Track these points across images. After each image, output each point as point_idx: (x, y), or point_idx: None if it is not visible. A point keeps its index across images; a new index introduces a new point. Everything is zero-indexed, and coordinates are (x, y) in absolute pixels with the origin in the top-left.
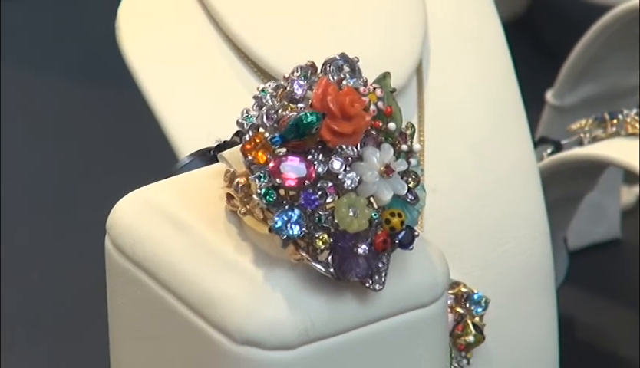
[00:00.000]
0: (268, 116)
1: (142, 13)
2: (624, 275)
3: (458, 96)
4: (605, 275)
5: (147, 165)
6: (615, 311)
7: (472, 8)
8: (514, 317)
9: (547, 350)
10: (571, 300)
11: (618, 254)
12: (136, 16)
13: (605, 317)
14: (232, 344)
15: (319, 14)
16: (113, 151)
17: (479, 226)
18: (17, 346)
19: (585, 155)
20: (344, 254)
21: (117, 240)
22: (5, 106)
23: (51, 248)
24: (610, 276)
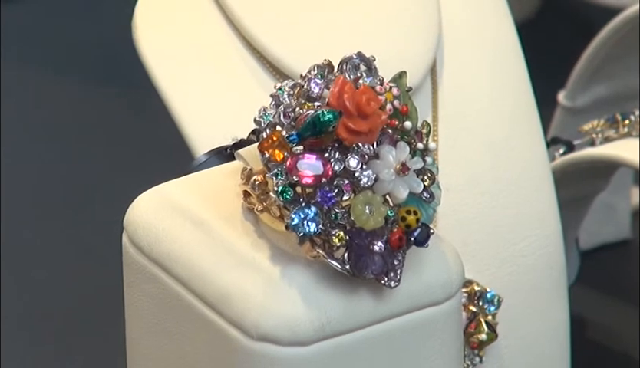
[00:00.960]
0: (286, 114)
1: (158, 12)
2: (634, 275)
3: (472, 96)
4: (616, 275)
5: (164, 164)
6: (625, 311)
7: (486, 9)
8: (526, 316)
9: (559, 349)
10: (582, 300)
11: (627, 254)
12: (152, 15)
13: (616, 316)
14: (248, 340)
15: (334, 14)
16: (129, 149)
17: (492, 225)
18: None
19: (597, 155)
20: (360, 251)
21: (134, 237)
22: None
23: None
24: (620, 276)
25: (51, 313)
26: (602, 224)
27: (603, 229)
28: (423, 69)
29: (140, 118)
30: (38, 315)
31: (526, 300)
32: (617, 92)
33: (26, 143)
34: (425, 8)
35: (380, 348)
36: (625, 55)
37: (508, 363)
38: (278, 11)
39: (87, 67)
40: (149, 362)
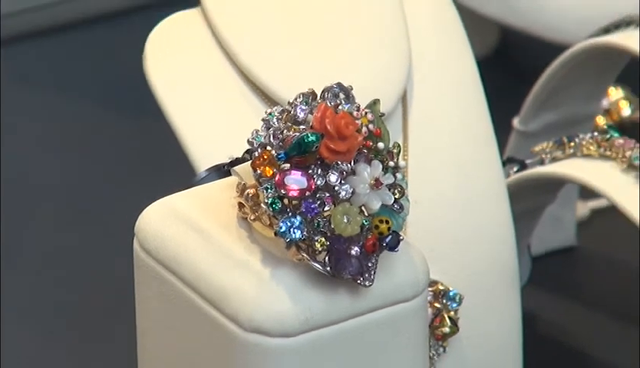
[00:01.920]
0: (275, 136)
1: (166, 47)
2: (579, 278)
3: (438, 122)
4: (563, 278)
5: (170, 179)
6: (570, 309)
7: (451, 46)
8: (484, 312)
9: (512, 341)
10: (533, 299)
11: (573, 259)
12: (160, 49)
13: (563, 313)
14: (243, 332)
15: (318, 50)
16: (139, 166)
17: (455, 233)
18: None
19: (546, 173)
20: (339, 255)
21: (143, 242)
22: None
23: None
24: (567, 278)
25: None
26: (550, 232)
27: (552, 237)
28: (395, 97)
29: (150, 139)
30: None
31: (484, 298)
32: (564, 118)
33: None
34: (397, 43)
35: (356, 339)
36: (570, 86)
37: (468, 353)
38: (268, 46)
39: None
40: (157, 351)
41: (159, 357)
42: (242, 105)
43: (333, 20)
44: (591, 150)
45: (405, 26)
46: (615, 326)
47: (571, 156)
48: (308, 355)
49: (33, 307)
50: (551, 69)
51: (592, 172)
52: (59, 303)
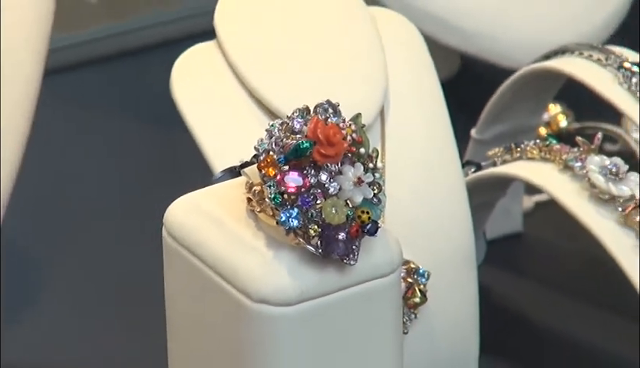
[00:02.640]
0: (276, 143)
1: (189, 72)
2: (525, 258)
3: (409, 131)
4: (512, 258)
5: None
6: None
7: (419, 70)
8: (447, 286)
9: (470, 311)
10: (487, 276)
11: (520, 243)
12: (184, 74)
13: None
14: (251, 303)
15: (312, 72)
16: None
17: (423, 222)
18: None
19: (498, 172)
20: (329, 239)
21: (171, 231)
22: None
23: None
24: (515, 259)
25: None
26: (501, 221)
27: (502, 225)
28: (374, 112)
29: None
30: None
31: (447, 275)
32: (512, 129)
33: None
34: (376, 68)
35: (343, 308)
36: (517, 103)
37: (434, 319)
38: (272, 72)
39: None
40: (182, 320)
41: (183, 325)
42: (250, 119)
43: (325, 48)
44: (534, 154)
45: (383, 54)
46: (555, 297)
47: (518, 159)
48: (303, 321)
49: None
50: (502, 88)
51: (535, 172)
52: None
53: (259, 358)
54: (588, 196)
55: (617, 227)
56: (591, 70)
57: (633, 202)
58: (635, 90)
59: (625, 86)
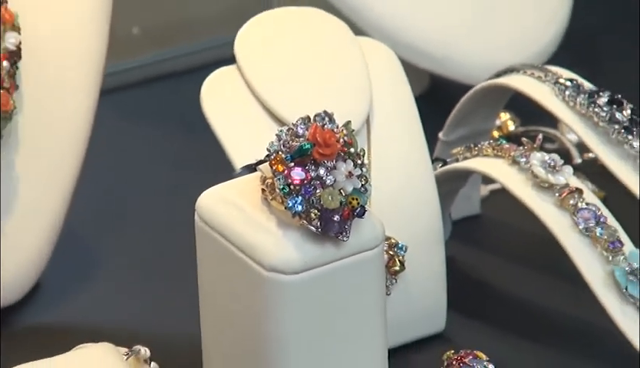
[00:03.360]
0: (284, 145)
1: (215, 90)
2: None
3: (389, 135)
4: (472, 235)
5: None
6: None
7: (396, 85)
8: (420, 258)
9: (439, 278)
10: (452, 249)
11: (478, 223)
12: (211, 91)
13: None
14: (265, 272)
15: (312, 87)
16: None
17: (401, 206)
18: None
19: (460, 167)
20: (326, 220)
21: (201, 216)
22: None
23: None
24: (474, 235)
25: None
26: (463, 205)
27: (464, 208)
28: (361, 119)
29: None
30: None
31: (420, 249)
32: (471, 132)
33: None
34: (362, 84)
35: (339, 275)
36: (475, 111)
37: (410, 284)
38: (280, 89)
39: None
40: (210, 288)
41: (212, 291)
42: (263, 126)
43: (322, 69)
44: (488, 152)
45: (368, 74)
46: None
47: (475, 156)
48: (307, 286)
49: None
50: (463, 100)
51: (489, 166)
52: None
53: (272, 316)
54: (532, 185)
55: (555, 209)
56: (533, 85)
57: (567, 188)
58: (567, 101)
59: (560, 97)
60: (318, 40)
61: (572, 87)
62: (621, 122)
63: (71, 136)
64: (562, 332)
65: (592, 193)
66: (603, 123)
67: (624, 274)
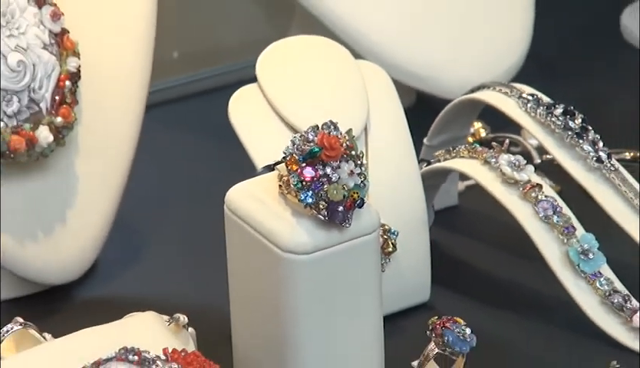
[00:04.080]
0: (297, 149)
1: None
2: (459, 222)
3: (383, 140)
4: (450, 221)
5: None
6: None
7: (389, 100)
8: (409, 240)
9: (424, 256)
10: (434, 234)
11: (456, 212)
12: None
13: (451, 240)
14: (282, 253)
15: (318, 101)
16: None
17: (394, 199)
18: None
19: (441, 166)
20: (332, 210)
21: (229, 207)
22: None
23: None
24: (453, 221)
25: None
26: (444, 198)
27: (444, 200)
28: (360, 127)
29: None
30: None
31: (408, 234)
32: (450, 138)
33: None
34: (360, 98)
35: (342, 256)
36: (454, 121)
37: (401, 263)
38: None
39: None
40: (238, 268)
41: (238, 270)
42: (279, 133)
43: (327, 87)
44: (464, 154)
45: (366, 91)
46: (480, 247)
47: (454, 158)
48: (316, 265)
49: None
50: (443, 111)
51: (465, 165)
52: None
53: (287, 290)
54: (500, 181)
55: (519, 200)
56: (500, 99)
57: (529, 184)
58: (529, 112)
59: (523, 109)
60: (324, 63)
61: (532, 101)
62: (573, 129)
63: (122, 142)
64: (526, 302)
65: (550, 187)
66: (559, 130)
67: (577, 253)
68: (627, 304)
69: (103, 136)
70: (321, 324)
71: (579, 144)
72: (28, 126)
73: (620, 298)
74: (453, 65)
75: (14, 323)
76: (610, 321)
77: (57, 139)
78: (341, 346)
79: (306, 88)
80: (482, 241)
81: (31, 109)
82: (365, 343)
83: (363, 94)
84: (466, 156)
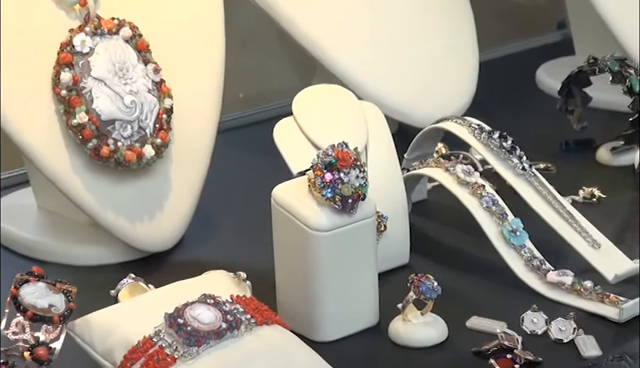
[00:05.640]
0: (320, 160)
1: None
2: (429, 211)
3: (378, 155)
4: (423, 210)
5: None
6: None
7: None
8: (395, 223)
9: (405, 234)
10: (412, 219)
11: (426, 203)
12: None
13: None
14: (310, 230)
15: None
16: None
17: (385, 195)
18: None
19: (416, 173)
20: (344, 202)
21: (275, 199)
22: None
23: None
24: (424, 210)
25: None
26: (417, 194)
27: (418, 195)
28: (362, 146)
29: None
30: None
31: (395, 218)
32: (422, 154)
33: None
34: (362, 126)
35: (351, 233)
36: (425, 142)
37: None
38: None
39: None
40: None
41: (281, 243)
42: (308, 150)
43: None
44: (432, 165)
45: (365, 121)
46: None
47: (425, 167)
48: (333, 239)
49: None
50: (417, 136)
51: (432, 172)
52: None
53: (313, 257)
54: (456, 182)
55: (469, 196)
56: (456, 127)
57: (476, 184)
58: (476, 136)
59: (471, 134)
60: (337, 102)
61: (478, 128)
62: (505, 148)
63: (201, 155)
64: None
65: (490, 187)
66: (496, 148)
67: (508, 232)
68: (542, 266)
69: (188, 150)
70: (336, 278)
71: (510, 158)
72: (137, 145)
73: (538, 262)
74: (423, 104)
75: (128, 277)
76: (531, 278)
77: (157, 153)
78: (349, 293)
79: (325, 120)
80: (444, 223)
81: (140, 133)
82: (365, 291)
83: (364, 123)
84: (433, 166)
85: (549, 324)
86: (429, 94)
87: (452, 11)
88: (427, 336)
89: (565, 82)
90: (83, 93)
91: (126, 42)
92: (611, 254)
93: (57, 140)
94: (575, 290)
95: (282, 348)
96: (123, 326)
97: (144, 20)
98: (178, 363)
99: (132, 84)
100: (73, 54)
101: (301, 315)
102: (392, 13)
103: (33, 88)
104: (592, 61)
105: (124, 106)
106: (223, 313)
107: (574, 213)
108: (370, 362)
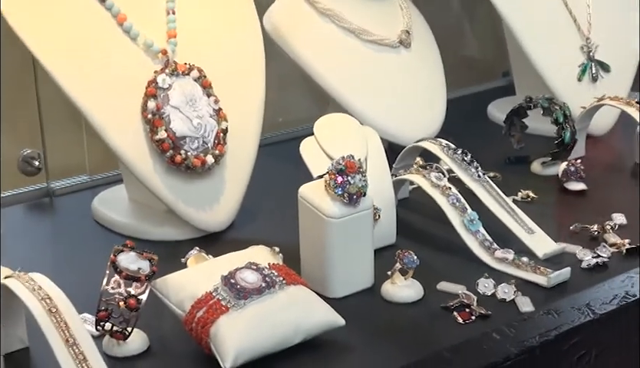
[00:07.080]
0: (334, 167)
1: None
2: (410, 205)
3: (376, 163)
4: (405, 205)
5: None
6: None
7: (377, 145)
8: (386, 214)
9: (393, 222)
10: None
11: (408, 200)
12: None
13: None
14: (326, 218)
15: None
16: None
17: (379, 194)
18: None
19: (402, 178)
20: (350, 198)
21: (301, 196)
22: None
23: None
24: (406, 205)
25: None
26: (402, 193)
27: (402, 194)
28: (364, 157)
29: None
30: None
31: (386, 210)
32: (406, 165)
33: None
34: (362, 144)
35: (357, 220)
36: (407, 157)
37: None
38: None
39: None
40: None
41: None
42: (324, 160)
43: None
44: (413, 172)
45: (366, 140)
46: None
47: (408, 174)
48: (343, 224)
49: None
50: (402, 151)
51: (413, 177)
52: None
53: (328, 238)
54: (431, 185)
55: (440, 195)
56: (431, 145)
57: (445, 186)
58: (445, 152)
59: (442, 151)
60: (346, 126)
61: (446, 146)
62: (466, 160)
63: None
64: (443, 245)
65: (455, 189)
66: (459, 160)
67: (468, 221)
68: (492, 246)
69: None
70: (343, 252)
71: (469, 168)
72: (202, 154)
73: (488, 243)
74: (406, 128)
75: (194, 250)
76: (484, 255)
77: (216, 161)
78: (353, 263)
79: (337, 138)
80: (421, 214)
81: (204, 146)
82: (365, 261)
83: (364, 142)
84: (414, 173)
85: (496, 288)
86: (412, 122)
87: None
88: (408, 295)
89: (508, 114)
90: (163, 117)
91: (194, 81)
92: (542, 238)
93: (144, 150)
94: (516, 263)
95: (304, 301)
96: (191, 284)
97: (208, 64)
98: (230, 311)
99: (198, 111)
100: (156, 88)
101: (318, 278)
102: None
103: (128, 112)
104: (528, 100)
105: (193, 127)
106: (263, 276)
107: (515, 208)
108: (367, 312)
